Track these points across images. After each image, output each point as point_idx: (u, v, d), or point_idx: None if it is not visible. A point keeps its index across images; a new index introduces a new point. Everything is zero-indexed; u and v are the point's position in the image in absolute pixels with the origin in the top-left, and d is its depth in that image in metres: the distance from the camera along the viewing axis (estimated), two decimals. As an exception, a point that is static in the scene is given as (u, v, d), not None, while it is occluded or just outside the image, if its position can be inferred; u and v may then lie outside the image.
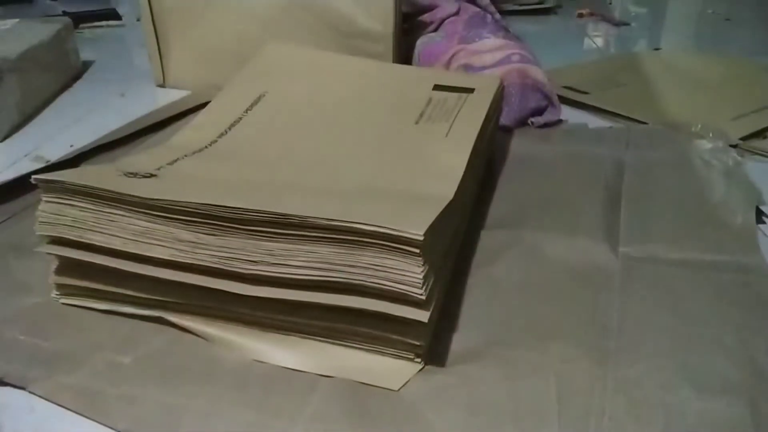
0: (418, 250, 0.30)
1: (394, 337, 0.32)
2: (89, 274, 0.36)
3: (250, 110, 0.50)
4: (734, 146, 0.60)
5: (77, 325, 0.37)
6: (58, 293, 0.38)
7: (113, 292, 0.37)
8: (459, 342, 0.35)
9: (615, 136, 0.64)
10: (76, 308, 0.38)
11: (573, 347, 0.35)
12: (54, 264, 0.38)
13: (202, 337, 0.35)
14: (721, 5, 1.42)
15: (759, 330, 0.36)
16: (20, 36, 0.78)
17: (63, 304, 0.38)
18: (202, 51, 0.78)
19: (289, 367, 0.33)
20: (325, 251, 0.31)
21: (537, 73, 0.68)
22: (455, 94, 0.52)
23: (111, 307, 0.37)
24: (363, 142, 0.46)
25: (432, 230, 0.30)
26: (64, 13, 1.15)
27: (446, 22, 0.80)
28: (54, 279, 0.38)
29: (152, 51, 0.81)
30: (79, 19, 1.14)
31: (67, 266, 0.37)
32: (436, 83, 0.54)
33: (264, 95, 0.52)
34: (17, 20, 0.87)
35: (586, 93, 0.75)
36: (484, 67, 0.69)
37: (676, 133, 0.63)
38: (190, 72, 0.80)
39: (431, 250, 0.31)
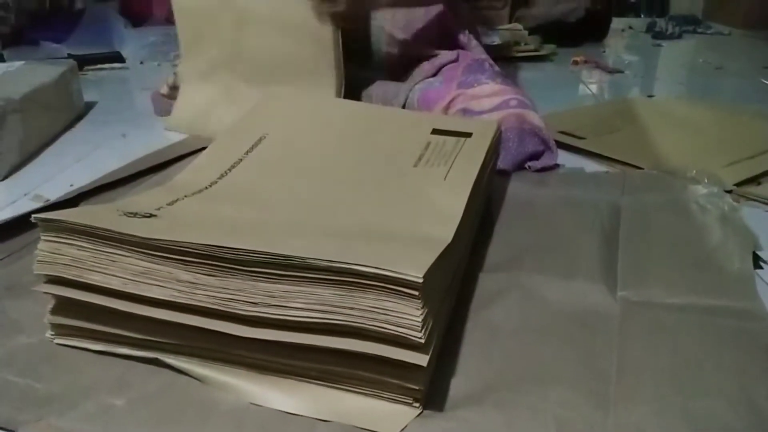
0: (417, 293, 0.30)
1: (393, 381, 0.32)
2: (85, 314, 0.36)
3: (251, 152, 0.50)
4: (729, 192, 0.61)
5: (70, 367, 0.36)
6: (52, 333, 0.38)
7: (109, 333, 0.36)
8: (458, 386, 0.35)
9: (611, 181, 0.65)
10: (70, 349, 0.37)
11: (573, 392, 0.34)
12: (50, 304, 0.37)
13: (198, 380, 0.35)
14: (712, 55, 1.46)
15: (760, 376, 0.35)
16: (25, 77, 0.79)
17: (57, 344, 0.38)
18: None
19: (286, 410, 0.33)
20: (324, 293, 0.31)
21: (534, 118, 0.69)
22: (453, 138, 0.52)
23: (106, 348, 0.37)
24: (362, 185, 0.46)
25: (431, 273, 0.30)
26: (70, 56, 1.17)
27: (445, 68, 0.82)
28: (49, 319, 0.37)
29: None
30: (84, 62, 1.16)
31: (63, 306, 0.37)
32: (435, 127, 0.54)
33: (264, 138, 0.52)
34: (23, 62, 0.88)
35: (582, 138, 0.77)
36: (482, 112, 0.71)
37: (671, 178, 0.64)
38: None
39: (430, 293, 0.31)
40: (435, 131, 0.54)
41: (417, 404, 0.33)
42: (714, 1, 2.01)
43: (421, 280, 0.29)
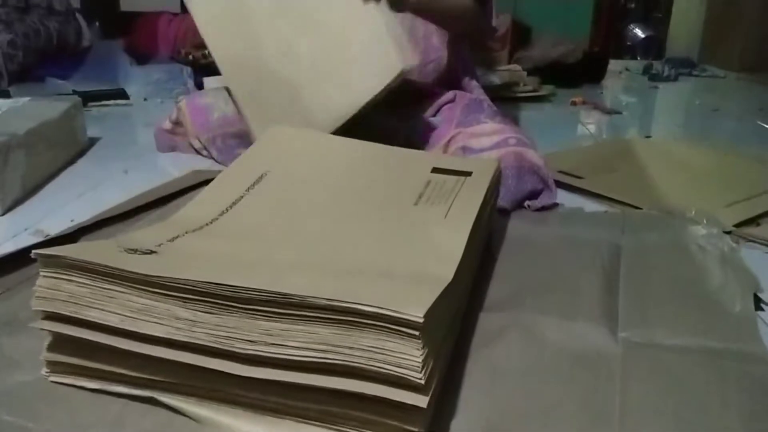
0: (417, 333, 0.30)
1: (392, 422, 0.31)
2: (82, 352, 0.36)
3: (252, 189, 0.51)
4: (728, 233, 0.61)
5: (66, 405, 0.36)
6: (48, 371, 0.37)
7: (105, 371, 0.36)
8: (458, 428, 0.34)
9: (611, 221, 0.65)
10: (65, 387, 0.37)
11: (575, 436, 0.34)
12: (46, 340, 0.37)
13: (194, 419, 0.34)
14: (708, 96, 1.48)
15: (764, 419, 0.35)
16: (30, 113, 0.80)
17: (52, 382, 0.37)
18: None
19: (283, 452, 0.32)
20: (324, 332, 0.31)
21: (533, 157, 0.70)
22: (453, 177, 0.53)
23: (102, 386, 0.36)
24: (363, 223, 0.46)
25: (432, 312, 0.30)
26: (75, 92, 1.19)
27: (444, 107, 0.83)
28: (45, 356, 0.37)
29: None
30: (89, 98, 1.18)
31: (60, 343, 0.36)
32: (435, 166, 0.55)
33: (266, 174, 0.53)
34: (29, 98, 0.89)
35: (580, 177, 0.77)
36: (482, 150, 0.71)
37: (670, 218, 0.64)
38: None
39: (431, 333, 0.31)
40: (435, 170, 0.54)
41: (417, 446, 0.32)
42: (709, 44, 2.05)
43: (421, 320, 0.29)
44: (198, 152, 0.88)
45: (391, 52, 0.72)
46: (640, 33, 2.35)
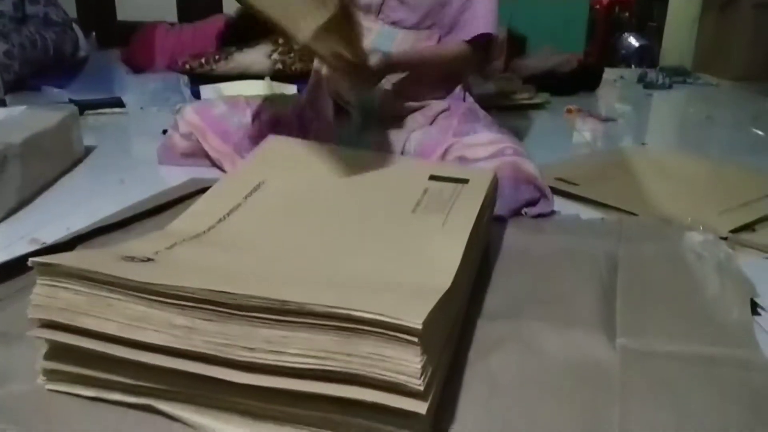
0: (416, 340, 0.30)
1: (392, 429, 0.31)
2: (79, 360, 0.36)
3: (249, 197, 0.51)
4: (724, 239, 0.61)
5: (62, 415, 0.35)
6: (44, 378, 0.37)
7: (102, 379, 0.36)
8: (456, 438, 0.34)
9: (607, 228, 0.65)
10: (62, 396, 0.37)
11: (575, 443, 0.34)
12: (42, 350, 0.37)
13: (193, 427, 0.34)
14: (702, 104, 1.49)
15: (763, 426, 0.35)
16: (27, 123, 0.80)
17: (49, 390, 0.37)
18: None
19: (282, 461, 0.32)
20: (323, 339, 0.31)
21: (529, 167, 0.70)
22: (451, 185, 0.53)
23: (99, 394, 0.36)
24: (361, 232, 0.46)
25: (431, 319, 0.30)
26: (71, 101, 1.19)
27: (440, 116, 0.83)
28: (42, 364, 0.37)
29: None
30: (85, 107, 1.18)
31: (56, 351, 0.36)
32: (432, 174, 0.55)
33: (263, 183, 0.53)
34: (25, 107, 0.89)
35: (576, 185, 0.77)
36: (477, 160, 0.71)
37: (666, 225, 0.64)
38: None
39: (430, 340, 0.31)
40: (432, 177, 0.54)
41: (417, 454, 0.32)
42: (702, 53, 2.06)
43: (420, 327, 0.29)
44: (214, 163, 0.85)
45: None
46: (634, 42, 2.37)
